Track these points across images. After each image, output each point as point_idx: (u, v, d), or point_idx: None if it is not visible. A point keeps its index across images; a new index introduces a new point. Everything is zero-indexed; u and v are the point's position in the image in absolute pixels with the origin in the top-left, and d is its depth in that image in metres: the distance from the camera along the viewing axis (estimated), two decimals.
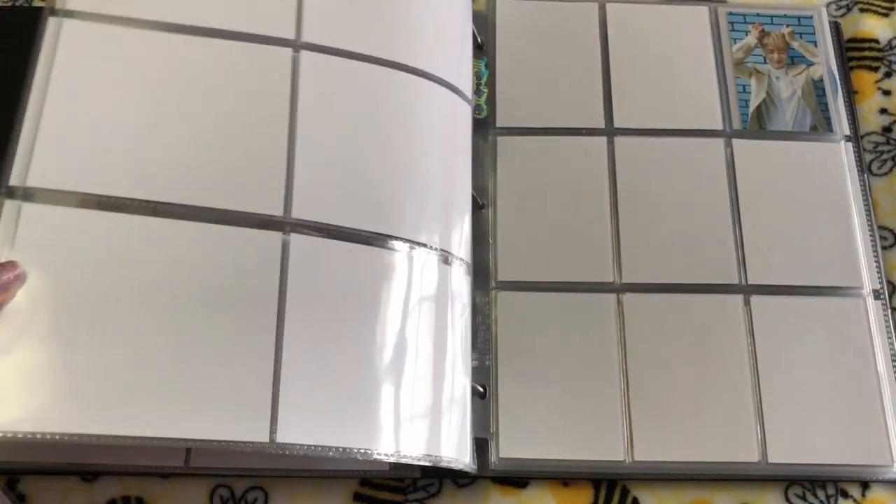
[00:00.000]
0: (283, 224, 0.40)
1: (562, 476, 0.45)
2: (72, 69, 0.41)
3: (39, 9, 0.57)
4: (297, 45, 0.42)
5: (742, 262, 0.49)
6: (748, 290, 0.48)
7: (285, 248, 0.40)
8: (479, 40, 0.54)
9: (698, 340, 0.47)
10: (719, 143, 0.52)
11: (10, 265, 0.37)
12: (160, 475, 0.45)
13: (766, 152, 0.52)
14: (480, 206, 0.50)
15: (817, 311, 0.48)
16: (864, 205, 0.51)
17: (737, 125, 0.52)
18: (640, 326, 0.47)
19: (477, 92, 0.54)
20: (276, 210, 0.40)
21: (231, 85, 0.41)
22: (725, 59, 0.54)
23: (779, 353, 0.47)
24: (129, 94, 0.41)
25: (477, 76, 0.54)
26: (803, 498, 0.45)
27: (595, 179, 0.51)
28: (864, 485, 0.46)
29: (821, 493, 0.45)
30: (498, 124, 0.52)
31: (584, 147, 0.52)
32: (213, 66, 0.42)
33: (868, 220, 0.51)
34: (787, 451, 0.45)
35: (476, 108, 0.53)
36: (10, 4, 0.58)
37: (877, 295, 0.49)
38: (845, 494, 0.45)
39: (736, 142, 0.52)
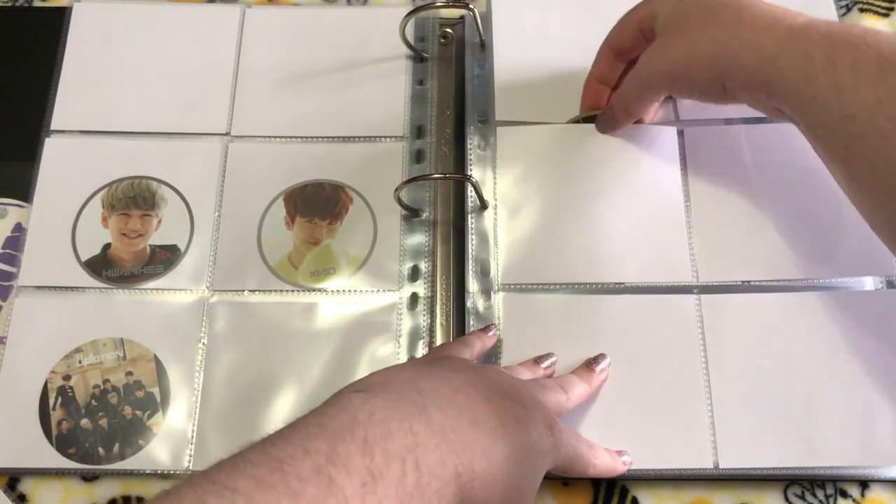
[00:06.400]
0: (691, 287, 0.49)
1: (561, 476, 0.45)
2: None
3: (39, 9, 0.58)
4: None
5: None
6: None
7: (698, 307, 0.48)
8: (483, 41, 0.55)
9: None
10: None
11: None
12: (160, 475, 0.46)
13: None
14: (483, 207, 0.50)
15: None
16: None
17: None
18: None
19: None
20: (687, 277, 0.49)
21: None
22: None
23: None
24: None
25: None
26: (802, 497, 0.45)
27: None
28: (864, 484, 0.46)
29: (820, 493, 0.45)
30: (498, 121, 0.52)
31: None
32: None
33: None
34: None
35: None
36: (10, 4, 0.58)
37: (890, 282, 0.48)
38: (844, 494, 0.45)
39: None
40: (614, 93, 0.50)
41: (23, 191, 0.52)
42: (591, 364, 0.46)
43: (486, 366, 0.43)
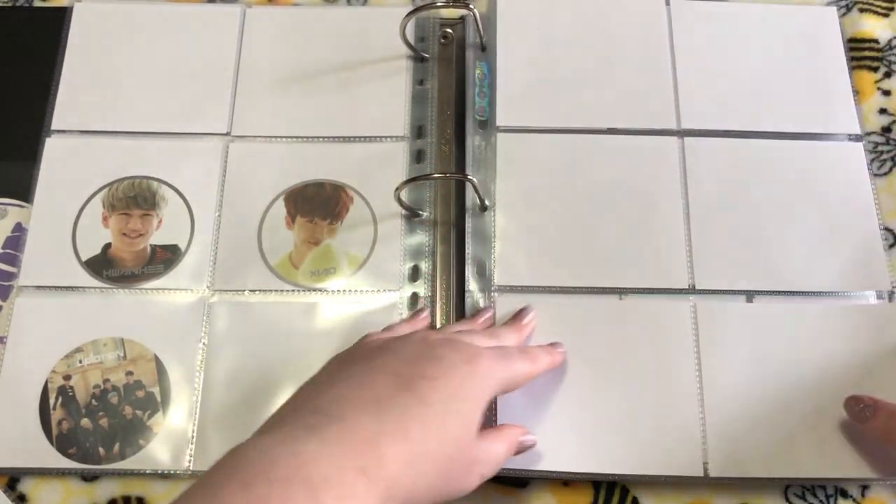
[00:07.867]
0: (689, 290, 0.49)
1: (562, 476, 0.45)
2: None
3: (39, 9, 0.58)
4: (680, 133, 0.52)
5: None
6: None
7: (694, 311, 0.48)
8: (483, 42, 0.55)
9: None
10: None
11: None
12: (161, 475, 0.46)
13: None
14: (484, 208, 0.50)
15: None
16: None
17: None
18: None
19: (480, 94, 0.54)
20: (683, 283, 0.49)
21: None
22: None
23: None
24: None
25: (480, 78, 0.54)
26: (802, 497, 0.45)
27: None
28: (864, 484, 0.46)
29: (820, 493, 0.45)
30: (499, 124, 0.52)
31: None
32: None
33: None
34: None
35: (479, 111, 0.53)
36: (10, 4, 0.58)
37: (879, 295, 0.49)
38: (845, 494, 0.45)
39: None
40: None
41: (23, 191, 0.52)
42: (517, 316, 0.47)
43: (402, 336, 0.42)
